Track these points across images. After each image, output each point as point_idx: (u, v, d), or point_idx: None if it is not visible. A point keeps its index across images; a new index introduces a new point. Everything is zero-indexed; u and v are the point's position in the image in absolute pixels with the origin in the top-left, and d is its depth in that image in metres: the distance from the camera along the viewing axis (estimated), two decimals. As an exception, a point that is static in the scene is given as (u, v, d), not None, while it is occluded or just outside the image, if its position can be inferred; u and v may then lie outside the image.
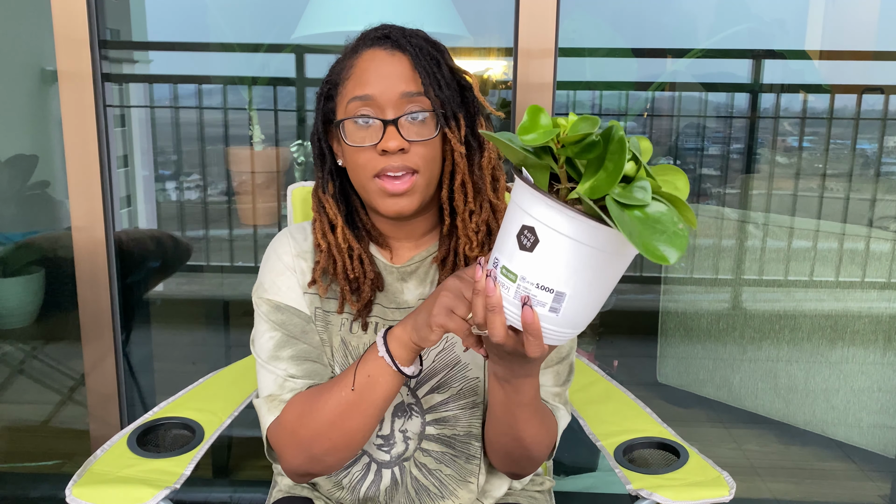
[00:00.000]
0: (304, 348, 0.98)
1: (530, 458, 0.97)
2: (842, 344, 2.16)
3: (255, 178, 2.48)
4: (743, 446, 2.26)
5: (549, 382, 1.01)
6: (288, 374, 0.96)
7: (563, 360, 1.02)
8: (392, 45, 0.93)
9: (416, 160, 0.91)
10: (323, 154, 0.99)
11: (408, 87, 0.91)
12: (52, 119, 2.65)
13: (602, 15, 2.55)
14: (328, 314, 1.00)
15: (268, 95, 2.60)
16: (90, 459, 1.08)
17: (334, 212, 0.98)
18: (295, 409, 0.93)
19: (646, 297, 2.76)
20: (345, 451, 0.92)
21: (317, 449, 0.91)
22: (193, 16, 2.61)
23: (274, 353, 0.97)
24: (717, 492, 1.00)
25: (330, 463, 0.93)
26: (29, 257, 2.48)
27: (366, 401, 0.88)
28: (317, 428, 0.90)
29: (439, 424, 1.01)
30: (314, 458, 0.92)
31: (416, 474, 1.02)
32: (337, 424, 0.89)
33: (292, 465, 0.94)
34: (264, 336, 0.98)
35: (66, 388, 2.32)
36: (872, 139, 2.59)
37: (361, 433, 0.90)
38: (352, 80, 0.93)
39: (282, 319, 0.98)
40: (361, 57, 0.94)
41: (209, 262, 2.78)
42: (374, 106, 0.91)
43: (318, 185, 1.00)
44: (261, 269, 1.02)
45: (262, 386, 0.98)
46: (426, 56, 0.93)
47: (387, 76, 0.91)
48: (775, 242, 2.29)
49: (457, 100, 0.95)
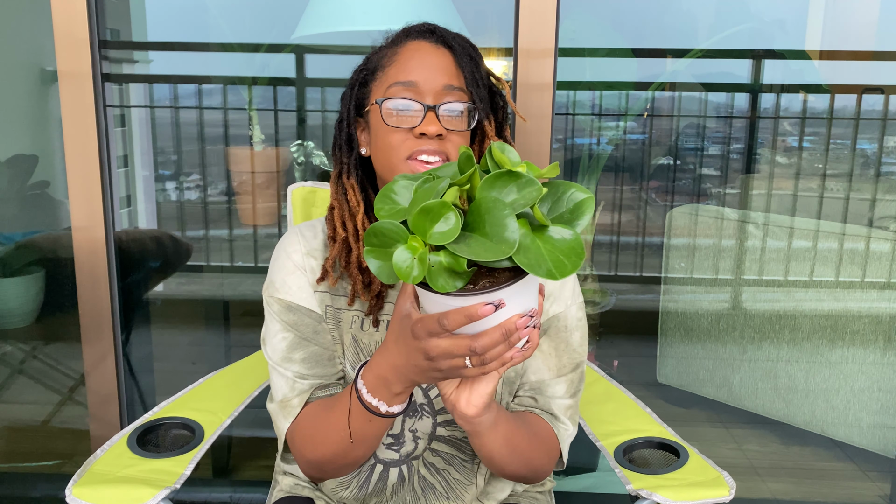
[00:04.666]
0: (316, 350, 0.98)
1: (534, 476, 0.99)
2: (842, 344, 2.16)
3: (255, 178, 2.48)
4: (743, 446, 2.26)
5: (562, 392, 1.00)
6: (299, 374, 0.97)
7: (577, 368, 1.02)
8: (437, 40, 0.96)
9: (449, 148, 0.93)
10: (351, 140, 1.00)
11: (450, 81, 0.94)
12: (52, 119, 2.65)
13: (602, 15, 2.55)
14: (339, 311, 0.99)
15: (268, 95, 2.60)
16: (90, 459, 1.08)
17: (357, 198, 0.98)
18: (303, 432, 0.96)
19: (646, 297, 2.77)
20: (352, 468, 0.97)
21: (326, 468, 0.96)
22: (193, 16, 2.61)
23: (286, 355, 0.97)
24: (718, 492, 1.00)
25: (341, 474, 0.99)
26: (29, 257, 2.48)
27: (366, 438, 0.89)
28: (322, 457, 0.94)
29: (451, 426, 1.01)
30: (325, 472, 0.98)
31: (424, 473, 1.03)
32: (340, 455, 0.93)
33: (307, 473, 1.00)
34: (277, 336, 0.98)
35: (66, 388, 2.32)
36: (872, 139, 2.59)
37: (365, 457, 0.94)
38: (395, 66, 0.95)
39: (294, 320, 0.98)
40: (406, 46, 0.96)
41: (209, 262, 2.78)
42: (416, 92, 0.93)
43: (341, 171, 1.00)
44: (270, 267, 1.02)
45: (275, 389, 0.99)
46: (467, 56, 0.96)
47: (431, 66, 0.93)
48: (775, 242, 2.29)
49: (489, 103, 0.97)
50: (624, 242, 2.91)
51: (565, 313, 1.00)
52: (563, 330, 1.00)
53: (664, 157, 2.96)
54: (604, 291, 2.32)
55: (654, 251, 2.62)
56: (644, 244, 2.91)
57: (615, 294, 2.43)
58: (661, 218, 2.61)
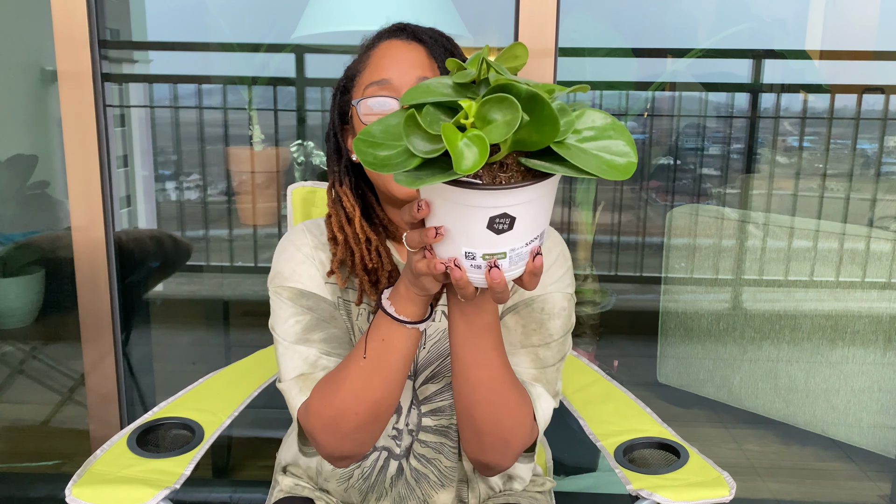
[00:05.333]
0: (335, 332, 0.96)
1: (502, 438, 0.91)
2: (842, 344, 2.16)
3: (255, 178, 2.48)
4: (743, 446, 2.26)
5: (526, 364, 0.96)
6: (321, 350, 0.94)
7: (547, 346, 0.97)
8: (408, 36, 0.96)
9: None
10: (339, 148, 1.00)
11: (423, 73, 0.94)
12: (52, 119, 2.65)
13: (602, 15, 2.55)
14: (349, 303, 1.00)
15: (268, 95, 2.61)
16: (90, 459, 1.08)
17: (352, 203, 0.98)
18: (318, 392, 0.91)
19: (646, 297, 2.77)
20: (374, 425, 0.90)
21: (345, 427, 0.89)
22: (193, 16, 2.61)
23: (303, 336, 0.94)
24: (718, 492, 1.00)
25: (362, 439, 0.92)
26: (29, 257, 2.48)
27: (384, 366, 0.86)
28: (341, 405, 0.88)
29: (435, 415, 1.02)
30: (346, 437, 0.90)
31: (416, 465, 1.03)
32: (360, 397, 0.87)
33: (326, 448, 0.93)
34: (289, 321, 0.95)
35: (66, 388, 2.32)
36: (872, 139, 2.59)
37: (386, 402, 0.88)
38: (369, 68, 0.96)
39: (309, 304, 0.96)
40: (378, 48, 0.97)
41: (209, 262, 2.78)
42: (392, 89, 0.93)
43: (334, 180, 1.01)
44: (276, 261, 1.00)
45: (290, 367, 0.94)
46: (441, 47, 0.96)
47: (403, 62, 0.94)
48: (775, 242, 2.29)
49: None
50: (624, 242, 2.91)
51: (545, 297, 0.97)
52: (538, 311, 0.96)
53: (664, 157, 2.96)
54: (604, 291, 2.32)
55: (655, 251, 2.62)
56: (644, 244, 2.91)
57: (615, 294, 2.43)
58: (661, 218, 2.61)
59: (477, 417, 0.88)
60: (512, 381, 0.89)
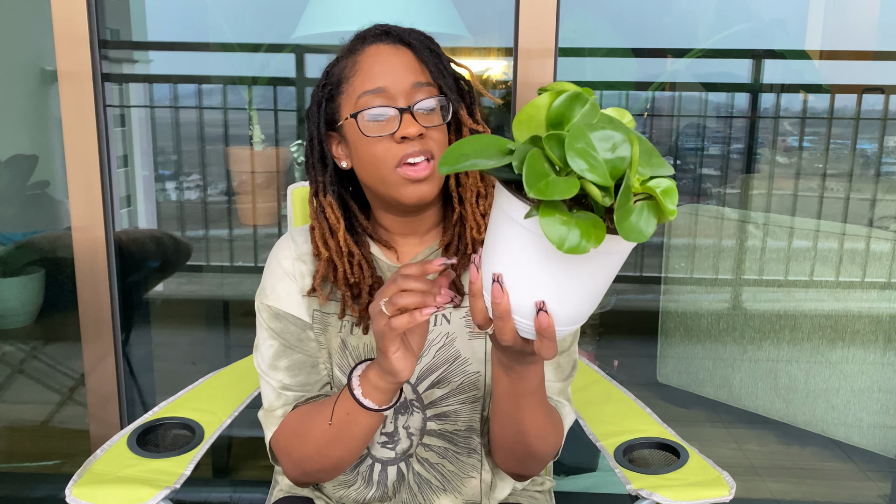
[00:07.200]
0: (300, 358, 1.00)
1: (534, 454, 0.96)
2: (842, 344, 2.16)
3: (255, 178, 2.48)
4: (743, 446, 2.26)
5: (551, 377, 1.00)
6: (283, 384, 1.00)
7: (565, 352, 1.01)
8: (394, 40, 0.95)
9: (432, 145, 0.92)
10: (324, 158, 0.98)
11: (417, 78, 0.93)
12: (52, 119, 2.65)
13: (602, 15, 2.56)
14: (327, 316, 1.00)
15: (268, 95, 2.61)
16: (90, 459, 1.08)
17: (336, 215, 0.98)
18: (287, 431, 0.98)
19: (646, 297, 2.77)
20: (334, 472, 0.98)
21: (309, 468, 0.97)
22: (193, 16, 2.61)
23: (272, 363, 1.01)
24: (718, 492, 1.00)
25: (324, 478, 1.00)
26: (29, 257, 2.48)
27: (346, 435, 0.91)
28: (305, 453, 0.96)
29: (440, 420, 1.01)
30: (308, 475, 0.99)
31: (419, 469, 1.03)
32: (322, 452, 0.94)
33: (291, 476, 1.01)
34: (265, 344, 1.02)
35: (66, 388, 2.32)
36: (872, 139, 2.59)
37: (347, 460, 0.95)
38: (359, 75, 0.93)
39: (280, 328, 1.00)
40: (365, 53, 0.94)
41: (209, 262, 2.78)
42: (387, 97, 0.92)
43: (317, 189, 0.99)
44: (263, 274, 1.04)
45: (263, 397, 1.03)
46: (427, 49, 0.95)
47: (395, 68, 0.93)
48: (775, 242, 2.29)
49: (456, 89, 0.97)
50: (624, 242, 2.90)
51: None
52: None
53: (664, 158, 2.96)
54: (604, 291, 2.32)
55: (655, 251, 2.62)
56: (644, 244, 2.91)
57: (615, 294, 2.43)
58: (661, 218, 2.60)
59: (516, 449, 0.95)
60: (547, 417, 0.93)
